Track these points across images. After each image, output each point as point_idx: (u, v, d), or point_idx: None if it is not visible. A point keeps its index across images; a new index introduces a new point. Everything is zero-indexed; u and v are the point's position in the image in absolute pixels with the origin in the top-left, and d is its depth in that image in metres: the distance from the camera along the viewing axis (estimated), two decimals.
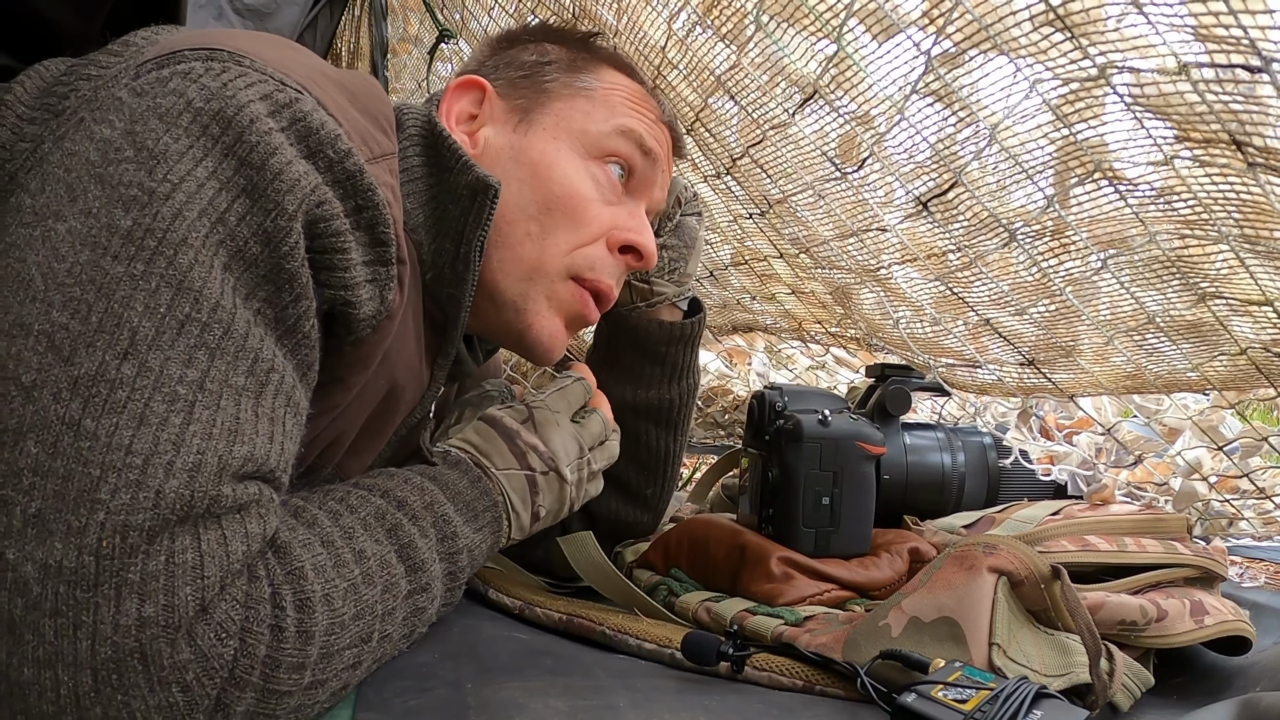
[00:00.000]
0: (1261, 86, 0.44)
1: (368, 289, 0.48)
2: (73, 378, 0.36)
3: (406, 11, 1.40)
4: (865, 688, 0.50)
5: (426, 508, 0.53)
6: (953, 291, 0.68)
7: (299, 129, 0.43)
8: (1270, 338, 0.59)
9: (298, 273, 0.42)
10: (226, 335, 0.39)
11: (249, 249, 0.41)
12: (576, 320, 0.65)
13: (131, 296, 0.37)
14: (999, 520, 0.78)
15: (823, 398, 0.79)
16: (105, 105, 0.42)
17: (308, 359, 0.45)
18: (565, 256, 0.63)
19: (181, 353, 0.38)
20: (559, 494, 0.64)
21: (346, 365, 0.52)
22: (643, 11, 0.69)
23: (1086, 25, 0.46)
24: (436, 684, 0.48)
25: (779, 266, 1.00)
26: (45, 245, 0.38)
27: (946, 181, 0.57)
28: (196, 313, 0.38)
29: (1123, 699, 0.54)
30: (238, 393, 0.40)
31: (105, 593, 0.34)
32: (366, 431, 0.62)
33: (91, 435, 0.35)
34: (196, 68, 0.42)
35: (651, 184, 0.68)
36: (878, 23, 0.51)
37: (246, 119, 0.41)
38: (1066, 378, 0.74)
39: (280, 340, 0.43)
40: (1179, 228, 0.54)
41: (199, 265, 0.39)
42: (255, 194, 0.41)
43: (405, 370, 0.60)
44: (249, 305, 0.41)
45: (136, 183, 0.39)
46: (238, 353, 0.40)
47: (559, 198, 0.62)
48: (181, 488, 0.36)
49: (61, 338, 0.36)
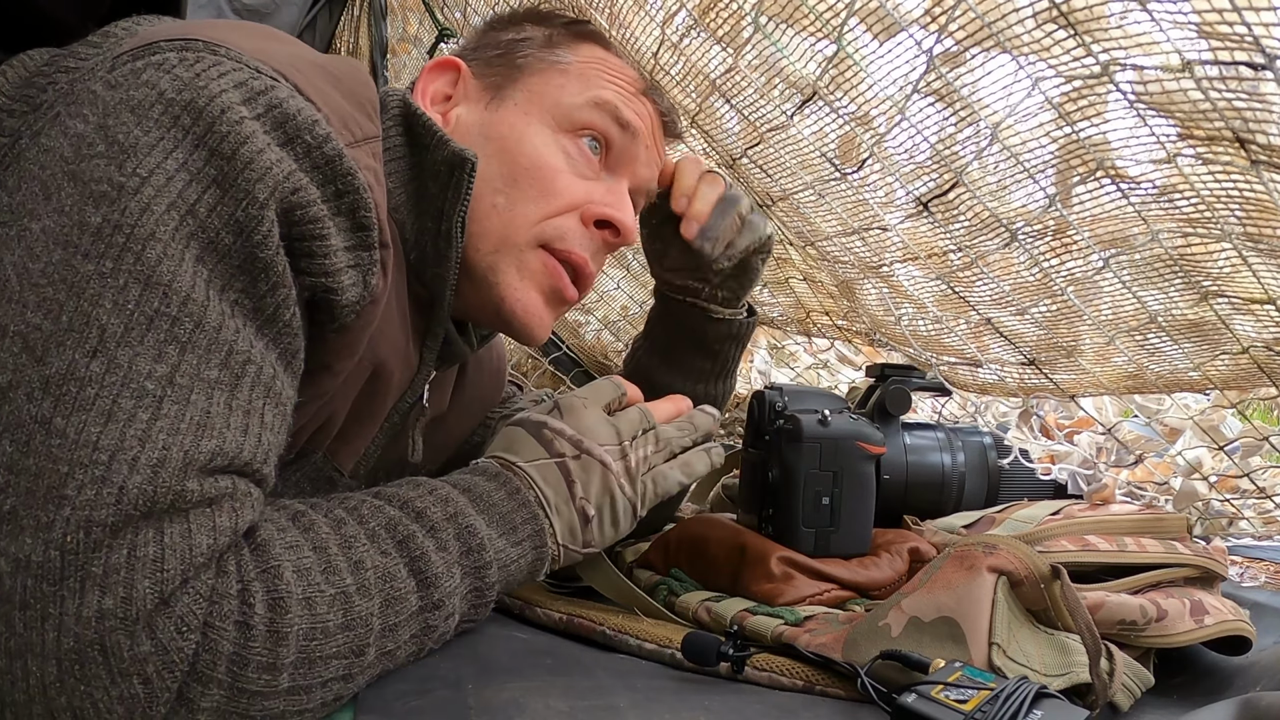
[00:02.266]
0: (1265, 84, 0.43)
1: (350, 275, 0.47)
2: (44, 377, 0.36)
3: (406, 11, 1.40)
4: (865, 688, 0.50)
5: (449, 519, 0.51)
6: (954, 291, 0.68)
7: (274, 116, 0.43)
8: (1272, 336, 0.59)
9: (273, 261, 0.42)
10: (198, 329, 0.39)
11: (221, 240, 0.40)
12: (553, 295, 0.64)
13: (100, 294, 0.37)
14: (999, 520, 0.78)
15: (823, 397, 0.79)
16: (80, 99, 0.42)
17: (291, 347, 0.45)
18: (533, 227, 0.62)
19: (150, 348, 0.38)
20: (603, 482, 0.59)
21: (332, 352, 0.51)
22: (635, 17, 0.68)
23: (1090, 22, 0.46)
24: (437, 684, 0.48)
25: (791, 251, 1.00)
26: (20, 245, 0.39)
27: (947, 182, 0.57)
28: (166, 307, 0.38)
29: (1123, 699, 0.54)
30: (210, 386, 0.40)
31: (70, 586, 0.35)
32: (355, 415, 0.61)
33: (61, 433, 0.36)
34: (170, 58, 0.42)
35: (633, 159, 0.67)
36: (879, 21, 0.51)
37: (218, 109, 0.41)
38: (1068, 377, 0.74)
39: (260, 331, 0.43)
40: (1181, 226, 0.54)
41: (168, 259, 0.39)
42: (225, 184, 0.40)
43: (391, 352, 0.59)
44: (225, 297, 0.41)
45: (106, 178, 0.39)
46: (210, 346, 0.40)
47: (526, 169, 0.62)
48: (145, 483, 0.36)
49: (35, 338, 0.37)
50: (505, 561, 0.54)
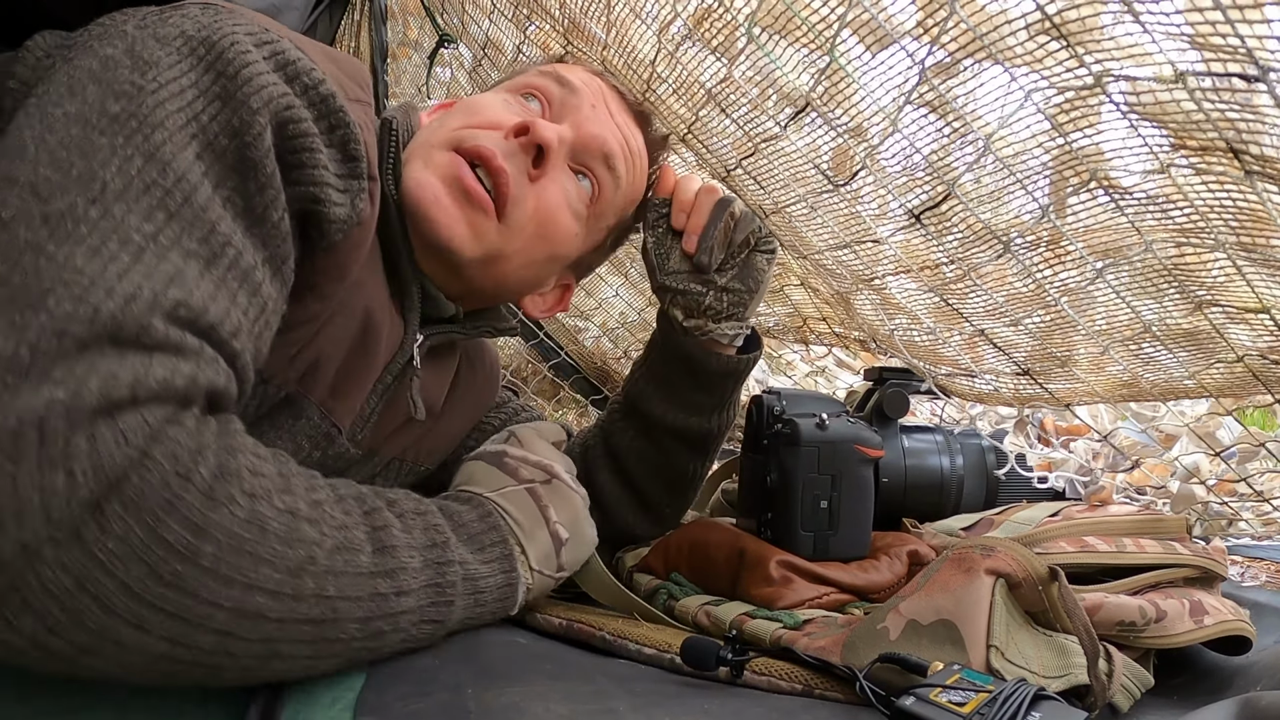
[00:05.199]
0: (1258, 95, 0.44)
1: (339, 194, 0.51)
2: (44, 213, 0.40)
3: (406, 16, 1.40)
4: (864, 691, 0.50)
5: (418, 514, 0.53)
6: (947, 303, 0.69)
7: (278, 59, 0.49)
8: (1267, 345, 0.59)
9: (263, 162, 0.46)
10: (187, 203, 0.43)
11: (218, 142, 0.45)
12: (453, 183, 0.63)
13: (109, 160, 0.42)
14: (998, 522, 0.78)
15: (821, 401, 0.79)
16: (111, 35, 0.47)
17: (279, 252, 0.48)
18: (449, 134, 0.65)
19: (143, 209, 0.42)
20: (572, 506, 0.61)
21: (320, 272, 0.53)
22: (631, 25, 0.69)
23: (1082, 33, 0.47)
24: (437, 688, 0.49)
25: (789, 258, 1.01)
26: (42, 123, 0.43)
27: (940, 194, 0.57)
28: (162, 179, 0.43)
29: (1122, 699, 0.54)
30: (187, 254, 0.43)
31: (30, 378, 0.37)
32: (348, 370, 0.62)
33: (51, 257, 0.39)
34: (194, 10, 0.49)
35: (574, 110, 0.69)
36: (871, 33, 0.51)
37: (229, 42, 0.47)
38: (1062, 387, 0.74)
39: (249, 230, 0.46)
40: (1175, 236, 0.54)
41: (171, 144, 0.44)
42: (226, 97, 0.46)
43: (379, 306, 0.61)
44: (218, 192, 0.45)
45: (129, 80, 0.44)
46: (194, 220, 0.44)
47: (459, 106, 0.68)
48: (116, 310, 0.39)
49: (43, 186, 0.41)
50: (471, 574, 0.54)
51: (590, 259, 0.79)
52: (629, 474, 0.84)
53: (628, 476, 0.84)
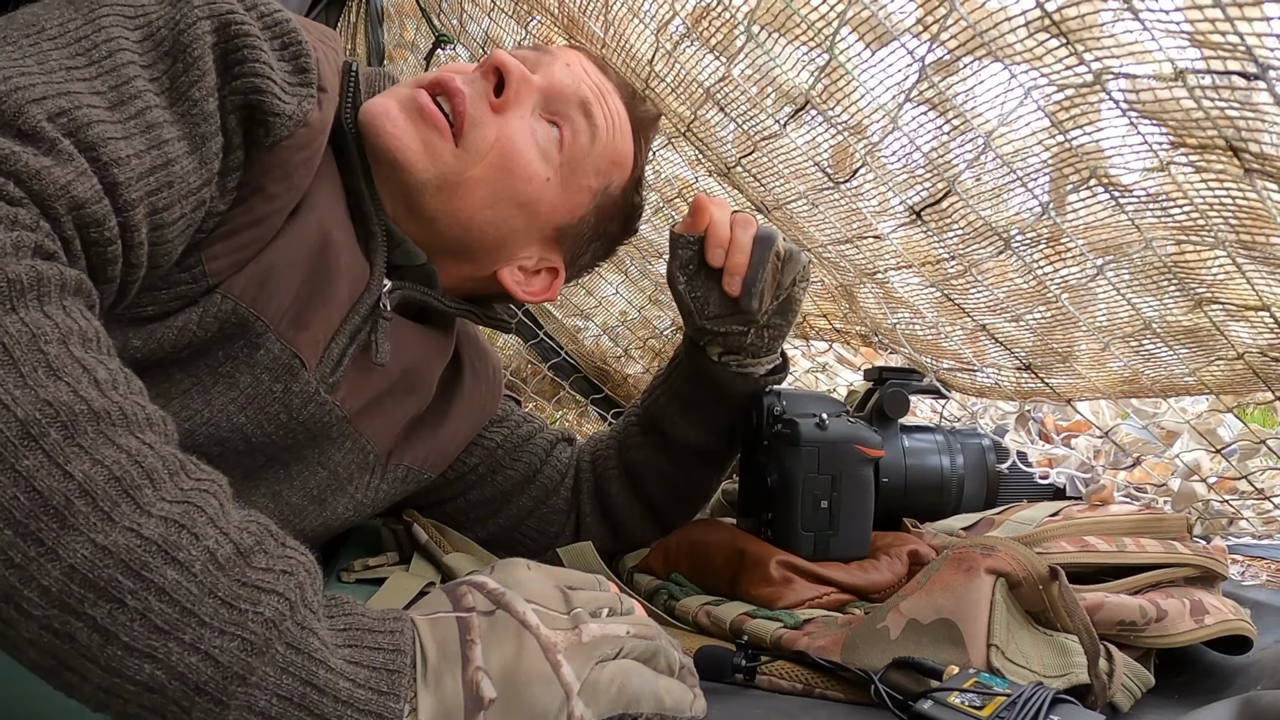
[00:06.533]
0: (1258, 93, 0.44)
1: (284, 90, 0.53)
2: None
3: (403, 17, 1.40)
4: (880, 695, 0.50)
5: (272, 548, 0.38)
6: (949, 298, 0.69)
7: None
8: (1267, 342, 0.59)
9: (200, 56, 0.50)
10: (108, 59, 0.48)
11: (159, 34, 0.50)
12: (408, 102, 0.64)
13: (54, 17, 0.48)
14: (998, 522, 0.78)
15: (821, 401, 0.79)
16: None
17: (200, 130, 0.50)
18: (415, 79, 0.68)
19: (68, 53, 0.47)
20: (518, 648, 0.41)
21: (264, 172, 0.54)
22: (629, 24, 0.69)
23: (1082, 31, 0.46)
24: None
25: None
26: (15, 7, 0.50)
27: (940, 190, 0.57)
28: (95, 37, 0.48)
29: (1123, 699, 0.54)
30: (94, 92, 0.47)
31: None
32: (309, 296, 0.60)
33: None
34: None
35: (548, 66, 0.69)
36: (871, 30, 0.51)
37: None
38: (1064, 382, 0.74)
39: (172, 104, 0.49)
40: (1175, 233, 0.54)
41: (114, 25, 0.49)
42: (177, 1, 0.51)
43: (339, 231, 0.61)
44: (147, 70, 0.49)
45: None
46: (111, 71, 0.48)
47: None
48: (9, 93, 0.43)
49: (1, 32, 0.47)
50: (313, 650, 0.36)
51: (575, 235, 0.73)
52: (644, 487, 0.84)
53: (643, 490, 0.84)
